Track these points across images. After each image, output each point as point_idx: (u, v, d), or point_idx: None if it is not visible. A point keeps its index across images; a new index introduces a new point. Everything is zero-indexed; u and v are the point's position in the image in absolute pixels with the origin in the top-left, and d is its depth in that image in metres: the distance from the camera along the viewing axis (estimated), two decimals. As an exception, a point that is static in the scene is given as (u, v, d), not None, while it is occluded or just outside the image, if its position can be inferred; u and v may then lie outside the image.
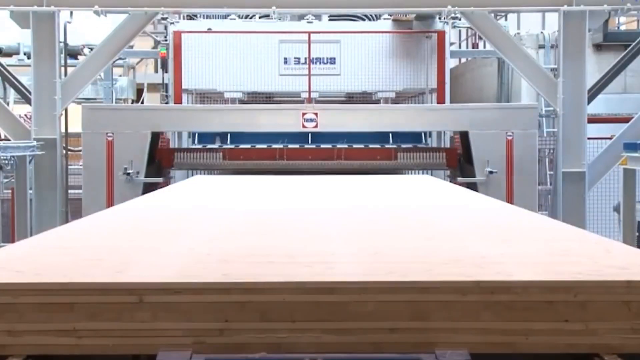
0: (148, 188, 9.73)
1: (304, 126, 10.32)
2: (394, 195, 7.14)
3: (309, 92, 11.41)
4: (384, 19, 12.21)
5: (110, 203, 9.80)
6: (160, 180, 10.42)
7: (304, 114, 10.33)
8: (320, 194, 7.13)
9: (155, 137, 10.61)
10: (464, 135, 10.50)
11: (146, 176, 10.28)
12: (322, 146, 10.81)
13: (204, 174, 10.80)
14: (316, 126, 10.33)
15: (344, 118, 10.50)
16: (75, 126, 11.11)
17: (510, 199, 9.83)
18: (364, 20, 12.65)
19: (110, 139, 10.20)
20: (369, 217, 5.20)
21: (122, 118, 10.46)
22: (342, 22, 12.54)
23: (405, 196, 7.03)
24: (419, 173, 11.10)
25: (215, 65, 11.77)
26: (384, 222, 4.93)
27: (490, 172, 10.08)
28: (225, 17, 12.25)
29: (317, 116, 10.31)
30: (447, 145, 11.54)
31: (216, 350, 2.77)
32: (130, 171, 10.09)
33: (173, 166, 10.71)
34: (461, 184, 9.54)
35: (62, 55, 10.76)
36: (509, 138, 10.17)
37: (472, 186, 9.75)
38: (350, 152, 10.66)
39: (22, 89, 11.13)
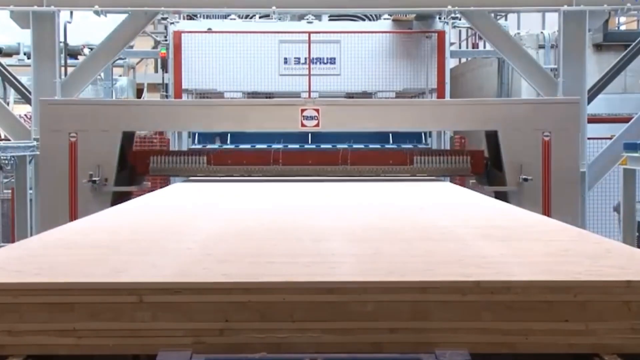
0: (119, 198, 8.24)
1: (303, 125, 8.88)
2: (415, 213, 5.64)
3: (309, 92, 11.41)
4: (384, 19, 12.21)
5: (73, 216, 8.30)
6: (134, 188, 8.98)
7: (303, 111, 8.89)
8: (322, 204, 6.26)
9: (129, 137, 9.12)
10: (492, 136, 9.00)
11: (116, 184, 8.69)
12: (323, 146, 10.43)
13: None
14: (317, 125, 8.87)
15: (349, 115, 9.05)
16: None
17: (547, 211, 8.47)
18: (364, 20, 12.65)
19: (73, 139, 8.68)
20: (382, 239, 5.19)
21: (87, 115, 8.83)
22: (342, 22, 12.54)
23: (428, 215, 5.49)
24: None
25: (215, 65, 11.77)
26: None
27: (525, 180, 8.54)
28: (225, 17, 12.26)
29: (318, 113, 8.87)
30: (447, 146, 11.46)
31: (216, 350, 2.77)
32: (96, 178, 8.52)
33: (149, 172, 9.07)
34: (488, 193, 8.24)
35: (62, 55, 10.76)
36: (546, 139, 8.73)
37: (502, 196, 8.39)
38: (357, 156, 9.13)
39: (22, 89, 11.13)
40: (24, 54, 14.80)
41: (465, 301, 2.79)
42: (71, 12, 10.64)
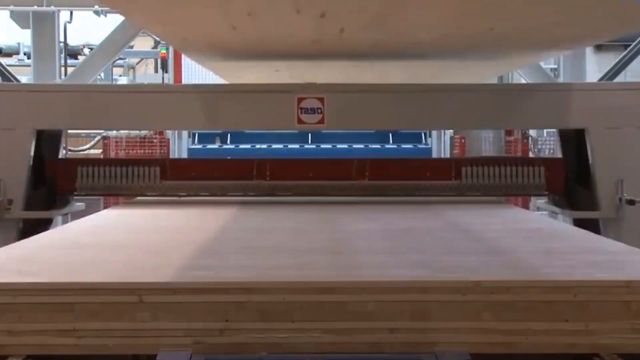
0: (32, 228, 5.50)
1: (300, 121, 5.80)
2: None
3: (309, 91, 11.32)
4: (384, 19, 12.19)
5: None
6: (55, 214, 6.00)
7: (300, 101, 5.79)
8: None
9: (50, 139, 6.05)
10: (573, 138, 5.99)
11: (27, 208, 5.72)
12: (323, 146, 9.67)
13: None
14: (322, 121, 5.79)
15: (368, 108, 5.82)
16: (75, 126, 11.04)
17: None
18: (364, 20, 12.61)
19: None
20: None
21: None
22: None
23: None
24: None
25: (215, 65, 11.76)
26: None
27: (631, 202, 5.54)
28: (225, 17, 12.26)
29: (322, 104, 5.75)
30: (447, 147, 11.31)
31: (216, 350, 2.77)
32: None
33: (75, 190, 6.01)
34: (568, 221, 5.82)
35: (62, 55, 10.76)
36: None
37: (591, 224, 5.54)
38: (379, 166, 6.05)
39: (22, 89, 11.14)
40: (24, 54, 14.81)
41: (465, 301, 2.80)
42: (71, 12, 10.65)
